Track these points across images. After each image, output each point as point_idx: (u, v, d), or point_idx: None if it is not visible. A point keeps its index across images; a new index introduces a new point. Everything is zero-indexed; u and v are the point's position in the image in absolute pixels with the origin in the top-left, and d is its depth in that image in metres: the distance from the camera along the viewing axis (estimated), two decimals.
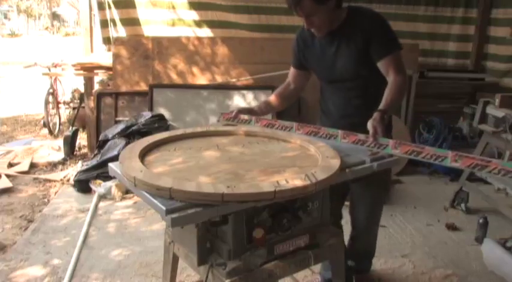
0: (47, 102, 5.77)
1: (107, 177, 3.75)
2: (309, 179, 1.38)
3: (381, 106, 1.75)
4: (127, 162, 1.51)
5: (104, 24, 4.90)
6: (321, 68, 2.03)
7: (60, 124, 6.04)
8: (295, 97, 2.28)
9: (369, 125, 1.68)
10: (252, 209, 1.40)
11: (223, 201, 1.26)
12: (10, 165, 4.42)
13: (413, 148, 1.58)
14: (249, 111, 2.07)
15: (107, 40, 4.94)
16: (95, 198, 3.61)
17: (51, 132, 5.80)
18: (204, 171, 1.50)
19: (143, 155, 1.64)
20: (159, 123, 4.17)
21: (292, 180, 1.37)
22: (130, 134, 4.03)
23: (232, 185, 1.32)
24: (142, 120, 4.15)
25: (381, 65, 1.85)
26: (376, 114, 1.71)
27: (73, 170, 4.24)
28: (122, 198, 3.66)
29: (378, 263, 2.70)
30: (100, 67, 4.83)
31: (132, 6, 4.88)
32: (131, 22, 4.92)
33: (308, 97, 4.68)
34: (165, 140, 1.83)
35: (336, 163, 1.54)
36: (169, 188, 1.27)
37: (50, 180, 4.11)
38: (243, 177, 1.45)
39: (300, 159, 1.66)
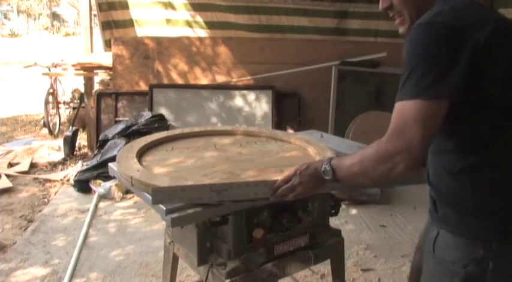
0: (47, 102, 5.77)
1: (107, 177, 3.74)
2: None
3: (333, 160, 1.21)
4: (124, 162, 1.51)
5: (106, 26, 4.90)
6: None
7: (60, 124, 6.04)
8: None
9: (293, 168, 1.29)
10: (252, 209, 1.39)
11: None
12: (10, 165, 4.42)
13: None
14: None
15: (109, 42, 4.88)
16: (95, 198, 3.61)
17: (51, 132, 5.80)
18: (201, 170, 1.50)
19: (141, 154, 1.64)
20: (159, 123, 4.16)
21: None
22: (130, 134, 4.02)
23: None
24: (142, 120, 4.14)
25: None
26: (312, 162, 1.30)
27: (73, 170, 4.23)
28: (122, 198, 3.65)
29: (378, 263, 2.70)
30: (100, 67, 4.84)
31: (132, 6, 4.88)
32: (131, 23, 4.91)
33: (308, 97, 4.68)
34: (163, 140, 1.83)
35: None
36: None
37: (50, 180, 4.11)
38: (239, 176, 1.45)
39: (298, 160, 1.65)
